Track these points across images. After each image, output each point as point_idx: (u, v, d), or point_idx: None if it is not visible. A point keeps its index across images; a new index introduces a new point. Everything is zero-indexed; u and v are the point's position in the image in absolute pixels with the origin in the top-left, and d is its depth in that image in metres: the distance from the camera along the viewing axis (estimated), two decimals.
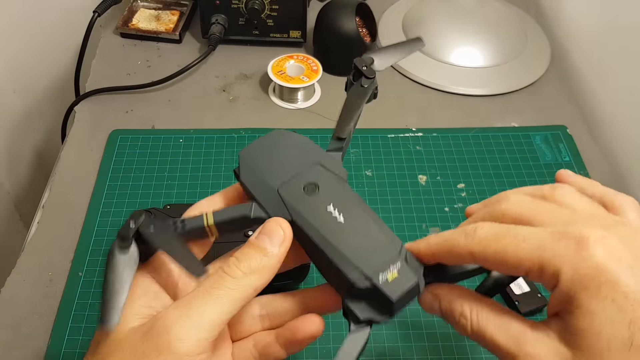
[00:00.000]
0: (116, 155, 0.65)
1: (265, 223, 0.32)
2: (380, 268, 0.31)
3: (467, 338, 0.49)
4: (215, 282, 0.29)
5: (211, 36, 0.75)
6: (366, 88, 0.38)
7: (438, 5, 0.81)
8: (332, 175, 0.34)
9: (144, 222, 0.31)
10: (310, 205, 0.33)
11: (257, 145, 0.35)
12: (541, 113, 0.72)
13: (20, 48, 0.89)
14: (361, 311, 0.31)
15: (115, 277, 0.30)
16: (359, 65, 0.38)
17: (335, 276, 0.32)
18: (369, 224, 0.32)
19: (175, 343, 0.28)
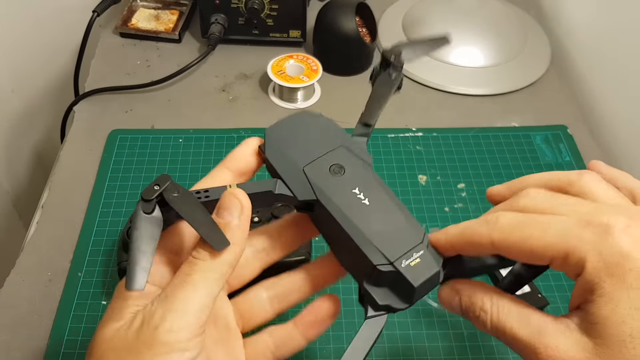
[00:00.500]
0: (116, 155, 0.65)
1: (221, 198, 0.31)
2: (404, 253, 0.30)
3: (466, 337, 0.49)
4: (188, 269, 0.29)
5: (211, 36, 0.75)
6: (393, 79, 0.38)
7: (438, 5, 0.81)
8: (357, 158, 0.34)
9: (169, 186, 0.30)
10: (336, 185, 0.33)
11: (283, 124, 0.35)
12: (541, 113, 0.72)
13: (19, 47, 0.89)
14: (380, 297, 0.31)
15: (141, 236, 0.29)
16: (388, 55, 0.38)
17: (355, 258, 0.31)
18: (393, 210, 0.32)
19: (165, 335, 0.28)
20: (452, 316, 0.52)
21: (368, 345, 0.30)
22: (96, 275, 0.54)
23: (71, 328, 0.51)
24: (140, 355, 0.28)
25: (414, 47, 0.40)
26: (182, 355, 0.28)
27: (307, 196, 0.32)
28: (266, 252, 0.35)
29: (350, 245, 0.31)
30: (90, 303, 0.52)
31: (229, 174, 0.34)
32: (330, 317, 0.33)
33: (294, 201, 0.33)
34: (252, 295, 0.35)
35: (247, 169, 0.34)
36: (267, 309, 0.35)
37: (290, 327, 0.34)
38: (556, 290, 0.55)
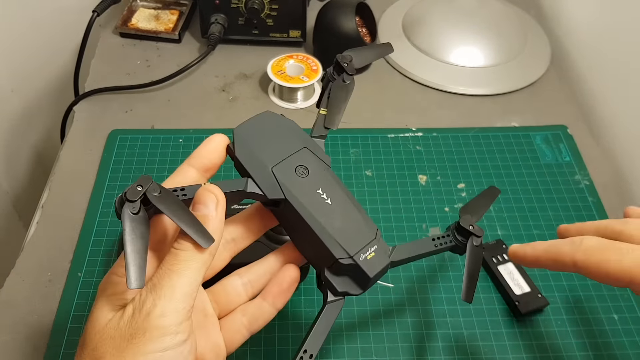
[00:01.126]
0: (115, 155, 0.64)
1: (197, 193, 0.33)
2: (361, 248, 0.35)
3: (466, 337, 0.49)
4: (173, 260, 0.31)
5: (211, 36, 0.75)
6: (348, 84, 0.42)
7: (438, 5, 0.81)
8: (319, 160, 0.38)
9: (151, 186, 0.32)
10: (302, 186, 0.36)
11: (249, 124, 0.38)
12: (541, 113, 0.72)
13: (19, 47, 0.89)
14: (339, 285, 0.35)
15: (133, 236, 0.31)
16: (341, 61, 0.42)
17: (317, 251, 0.35)
18: (352, 209, 0.36)
19: (158, 320, 0.30)
20: (452, 316, 0.52)
21: (329, 327, 0.35)
22: (96, 275, 0.54)
23: (71, 328, 0.51)
24: (135, 341, 0.30)
25: (362, 54, 0.44)
26: (174, 338, 0.30)
27: (276, 195, 0.35)
28: (234, 242, 0.38)
29: (314, 239, 0.35)
30: (90, 303, 0.52)
31: (194, 171, 0.36)
32: (293, 284, 0.37)
33: (264, 199, 0.36)
34: (227, 283, 0.38)
35: (212, 165, 0.37)
36: (241, 293, 0.38)
37: (259, 301, 0.37)
38: (556, 290, 0.55)
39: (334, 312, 0.35)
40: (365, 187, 0.62)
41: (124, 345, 0.30)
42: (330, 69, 0.42)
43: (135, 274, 0.30)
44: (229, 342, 0.37)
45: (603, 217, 0.60)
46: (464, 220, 0.41)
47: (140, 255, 0.30)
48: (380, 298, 0.54)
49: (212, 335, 0.36)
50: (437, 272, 0.56)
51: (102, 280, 0.34)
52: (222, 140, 0.37)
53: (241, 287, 0.38)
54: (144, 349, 0.30)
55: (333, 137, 0.67)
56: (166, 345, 0.30)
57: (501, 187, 0.63)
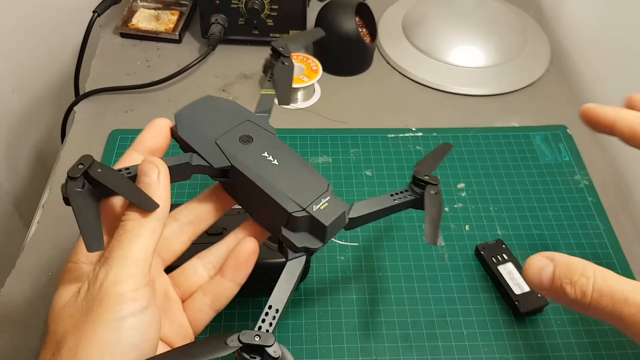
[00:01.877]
0: (116, 155, 0.65)
1: (139, 167, 0.34)
2: (313, 200, 0.36)
3: (466, 337, 0.49)
4: (121, 231, 0.32)
5: (211, 36, 0.75)
6: (288, 65, 0.44)
7: (438, 5, 0.81)
8: (263, 130, 0.39)
9: (93, 164, 0.32)
10: (247, 152, 0.37)
11: (191, 107, 0.39)
12: (541, 113, 0.72)
13: (20, 47, 0.89)
14: (297, 240, 0.35)
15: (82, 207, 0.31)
16: (277, 46, 0.45)
17: (272, 212, 0.36)
18: (300, 167, 0.37)
19: (112, 288, 0.30)
20: (452, 316, 0.53)
21: (291, 283, 0.34)
22: None
23: None
24: (92, 312, 0.30)
25: (296, 40, 0.48)
26: (132, 304, 0.30)
27: (222, 163, 0.36)
28: (192, 225, 0.38)
29: (267, 200, 0.35)
30: None
31: (138, 155, 0.36)
32: (251, 256, 0.37)
33: (211, 170, 0.36)
34: (187, 266, 0.38)
35: (156, 148, 0.37)
36: (202, 275, 0.38)
37: (219, 278, 0.37)
38: None
39: (296, 268, 0.35)
40: (365, 187, 0.63)
41: (83, 320, 0.29)
42: (268, 56, 0.45)
43: (91, 238, 0.30)
44: (194, 323, 0.37)
45: (603, 217, 0.61)
46: (418, 172, 0.41)
47: (92, 222, 0.31)
48: (380, 298, 0.54)
49: (177, 317, 0.36)
50: (437, 272, 0.56)
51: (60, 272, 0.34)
52: (165, 123, 0.38)
53: (202, 269, 0.38)
54: (102, 318, 0.29)
55: (333, 137, 0.67)
56: (124, 313, 0.30)
57: (501, 187, 0.63)
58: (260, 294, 0.53)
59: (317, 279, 0.54)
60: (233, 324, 0.51)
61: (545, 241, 0.58)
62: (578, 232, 0.59)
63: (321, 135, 0.67)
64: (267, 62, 0.46)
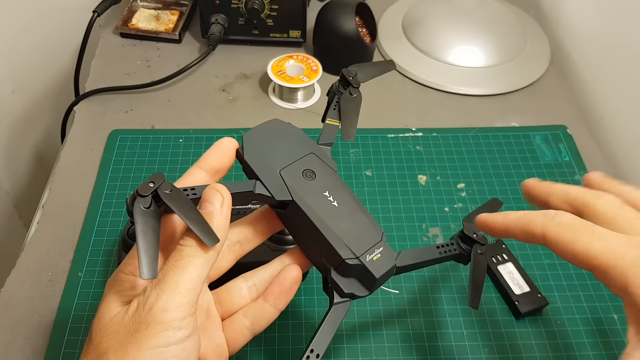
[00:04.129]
0: (116, 155, 0.65)
1: (204, 192, 0.34)
2: (367, 249, 0.36)
3: (466, 337, 0.49)
4: (177, 256, 0.32)
5: (211, 36, 0.75)
6: (355, 97, 0.43)
7: (438, 5, 0.81)
8: (326, 165, 0.38)
9: (163, 184, 0.32)
10: (309, 188, 0.37)
11: (258, 130, 0.39)
12: (541, 113, 0.72)
13: (20, 48, 0.89)
14: (345, 286, 0.36)
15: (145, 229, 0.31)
16: (347, 75, 0.43)
17: (324, 253, 0.36)
18: (358, 211, 0.37)
19: (161, 314, 0.30)
20: (452, 316, 0.53)
21: (335, 327, 0.35)
22: (97, 275, 0.54)
23: (71, 328, 0.51)
24: (137, 334, 0.30)
25: (366, 70, 0.46)
26: (176, 332, 0.30)
27: (284, 196, 0.36)
28: (240, 244, 0.38)
29: (321, 240, 0.36)
30: (91, 303, 0.52)
31: (203, 173, 0.37)
32: (295, 284, 0.37)
33: (271, 200, 0.36)
34: (232, 285, 0.38)
35: (220, 167, 0.37)
36: (245, 296, 0.38)
37: (261, 302, 0.37)
38: (556, 290, 0.55)
39: (341, 313, 0.36)
40: (365, 187, 0.63)
41: (127, 340, 0.30)
42: (336, 82, 0.44)
43: (147, 265, 0.30)
44: (231, 343, 0.37)
45: None
46: (467, 228, 0.41)
47: (152, 247, 0.31)
48: (380, 298, 0.54)
49: (215, 336, 0.36)
50: (437, 272, 0.56)
51: (110, 278, 0.34)
52: (231, 143, 0.38)
53: (246, 290, 0.38)
54: (147, 343, 0.30)
55: None
56: (169, 341, 0.30)
57: (501, 187, 0.63)
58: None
59: (317, 279, 0.54)
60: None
61: None
62: None
63: None
64: (334, 88, 0.44)
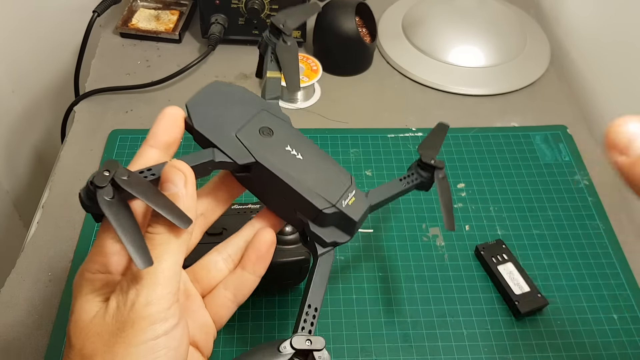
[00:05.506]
0: (116, 155, 0.65)
1: (162, 171, 0.32)
2: (341, 195, 0.36)
3: (466, 337, 0.49)
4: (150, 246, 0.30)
5: (211, 36, 0.75)
6: (290, 45, 0.42)
7: (438, 5, 0.81)
8: (280, 119, 0.37)
9: (118, 170, 0.30)
10: (270, 146, 0.36)
11: (201, 95, 0.37)
12: (541, 113, 0.72)
13: (20, 48, 0.89)
14: (326, 236, 0.36)
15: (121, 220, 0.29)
16: (277, 23, 0.42)
17: (299, 208, 0.35)
18: (323, 159, 0.37)
19: (144, 309, 0.29)
20: (452, 316, 0.53)
21: (325, 279, 0.35)
22: None
23: None
24: (124, 334, 0.29)
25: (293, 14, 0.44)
26: (164, 324, 0.29)
27: (246, 160, 0.35)
28: (204, 217, 0.37)
29: (294, 196, 0.35)
30: None
31: (155, 151, 0.34)
32: (270, 247, 0.36)
33: (233, 166, 0.35)
34: (207, 260, 0.37)
35: (172, 140, 0.35)
36: (222, 269, 0.37)
37: (239, 271, 0.36)
38: (556, 290, 0.55)
39: (327, 263, 0.36)
40: (365, 187, 0.63)
41: (114, 340, 0.29)
42: (266, 32, 0.42)
43: (140, 255, 0.29)
44: (216, 318, 0.36)
45: (603, 217, 0.61)
46: (425, 156, 0.42)
47: (135, 236, 0.29)
48: (380, 298, 0.54)
49: (199, 315, 0.36)
50: (437, 272, 0.56)
51: (75, 280, 0.32)
52: (177, 112, 0.36)
53: (222, 263, 0.37)
54: (135, 340, 0.29)
55: (333, 137, 0.67)
56: (157, 333, 0.29)
57: (501, 187, 0.63)
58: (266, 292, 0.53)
59: None
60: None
61: (545, 241, 0.58)
62: (578, 232, 0.59)
63: (321, 135, 0.67)
64: (266, 38, 0.42)
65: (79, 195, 0.31)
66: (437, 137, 0.46)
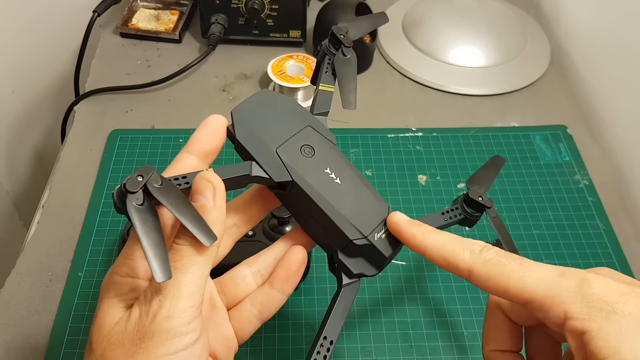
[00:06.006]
0: (116, 155, 0.65)
1: (193, 182, 0.31)
2: (375, 227, 0.34)
3: (466, 337, 0.49)
4: (175, 257, 0.30)
5: (211, 36, 0.75)
6: (349, 58, 0.40)
7: (438, 5, 0.81)
8: (324, 138, 0.36)
9: (152, 177, 0.29)
10: (309, 166, 0.34)
11: (247, 104, 0.36)
12: (541, 113, 0.72)
13: (20, 48, 0.89)
14: (353, 266, 0.34)
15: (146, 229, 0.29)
16: (337, 33, 0.40)
17: (329, 233, 0.34)
18: (362, 187, 0.35)
19: (165, 322, 0.29)
20: (452, 316, 0.53)
21: (346, 311, 0.34)
22: (97, 275, 0.54)
23: (72, 328, 0.51)
24: (143, 345, 0.29)
25: (357, 25, 0.42)
26: (183, 338, 0.29)
27: (283, 177, 0.34)
28: (236, 227, 0.36)
29: (325, 221, 0.34)
30: (91, 303, 0.52)
31: (193, 158, 0.34)
32: (301, 267, 0.36)
33: (269, 182, 0.34)
34: (236, 273, 0.37)
35: (211, 149, 0.34)
36: (250, 283, 0.36)
37: (267, 288, 0.36)
38: None
39: (351, 295, 0.34)
40: None
41: (133, 350, 0.29)
42: (325, 41, 0.40)
43: (159, 267, 0.28)
44: (239, 333, 0.36)
45: (602, 217, 0.61)
46: (472, 192, 0.39)
47: (159, 247, 0.29)
48: (380, 298, 0.54)
49: (222, 327, 0.35)
50: (437, 272, 0.56)
51: (104, 281, 0.32)
52: (220, 121, 0.35)
53: (250, 277, 0.36)
54: (154, 353, 0.28)
55: None
56: (177, 348, 0.29)
57: (501, 187, 0.63)
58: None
59: (317, 279, 0.54)
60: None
61: (545, 241, 0.58)
62: (578, 232, 0.59)
63: None
64: (324, 48, 0.40)
65: (112, 195, 0.30)
66: (490, 172, 0.43)
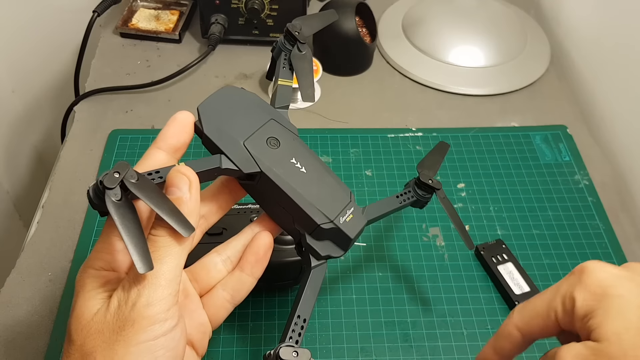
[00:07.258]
0: (116, 155, 0.65)
1: (168, 176, 0.33)
2: (340, 212, 0.37)
3: (466, 337, 0.49)
4: (153, 247, 0.31)
5: (211, 36, 0.75)
6: (305, 53, 0.42)
7: (438, 5, 0.81)
8: (287, 130, 0.38)
9: (128, 172, 0.31)
10: (276, 157, 0.37)
11: (213, 100, 0.38)
12: (541, 113, 0.72)
13: (20, 47, 0.89)
14: (321, 249, 0.37)
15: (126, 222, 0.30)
16: (292, 30, 0.42)
17: (297, 220, 0.37)
18: (326, 175, 0.38)
19: (145, 309, 0.30)
20: (452, 316, 0.53)
21: (316, 291, 0.36)
22: None
23: None
24: (124, 332, 0.30)
25: (309, 22, 0.44)
26: (163, 325, 0.30)
27: (252, 169, 0.36)
28: (205, 218, 0.38)
29: (294, 208, 0.36)
30: None
31: (162, 154, 0.35)
32: (268, 250, 0.38)
33: (239, 174, 0.36)
34: (207, 261, 0.38)
35: (180, 145, 0.36)
36: (221, 270, 0.38)
37: (238, 273, 0.38)
38: None
39: (320, 276, 0.37)
40: (365, 187, 0.63)
41: (114, 338, 0.30)
42: (281, 38, 0.42)
43: (141, 259, 0.29)
44: (213, 319, 0.37)
45: (602, 217, 0.61)
46: (423, 175, 0.43)
47: (139, 240, 0.30)
48: (380, 298, 0.54)
49: (196, 314, 0.37)
50: (437, 272, 0.56)
51: (78, 276, 0.33)
52: (188, 117, 0.36)
53: (221, 264, 0.38)
54: (135, 339, 0.29)
55: (333, 137, 0.67)
56: (156, 334, 0.30)
57: (501, 187, 0.63)
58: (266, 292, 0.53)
59: None
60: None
61: (545, 241, 0.58)
62: (578, 232, 0.59)
63: (321, 135, 0.67)
64: (280, 44, 0.42)
65: (87, 192, 0.31)
66: (437, 156, 0.47)
